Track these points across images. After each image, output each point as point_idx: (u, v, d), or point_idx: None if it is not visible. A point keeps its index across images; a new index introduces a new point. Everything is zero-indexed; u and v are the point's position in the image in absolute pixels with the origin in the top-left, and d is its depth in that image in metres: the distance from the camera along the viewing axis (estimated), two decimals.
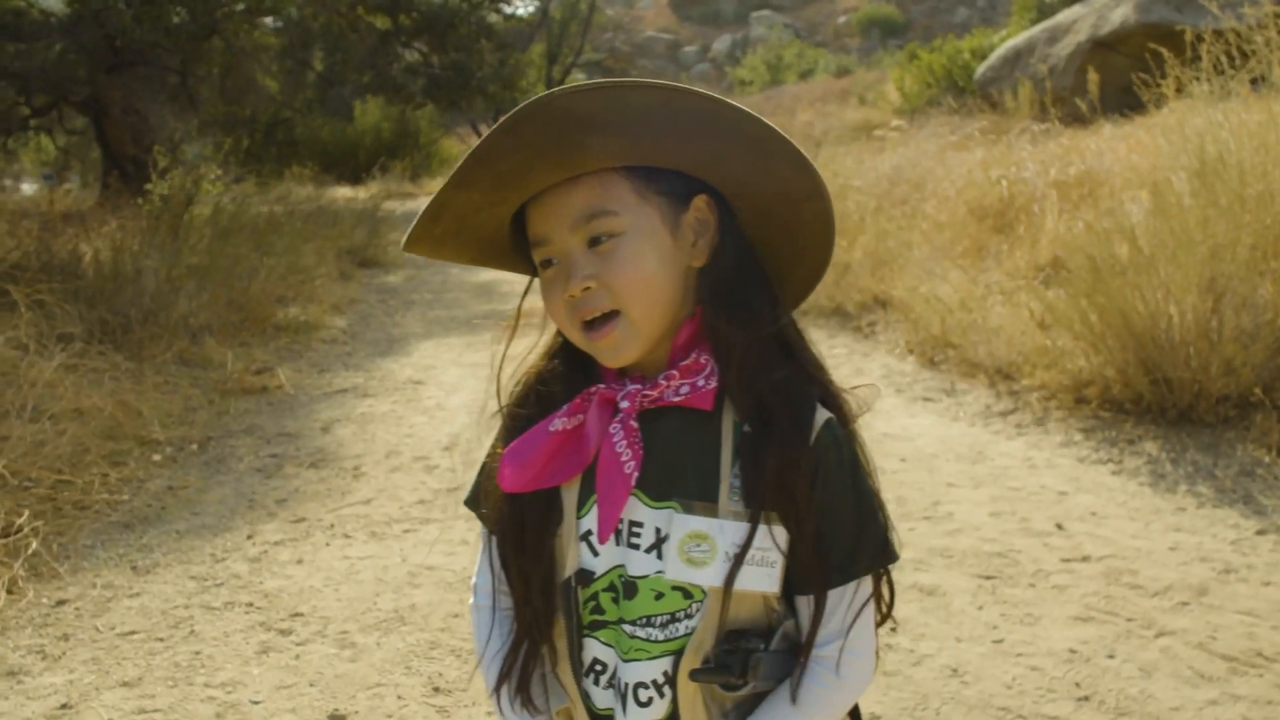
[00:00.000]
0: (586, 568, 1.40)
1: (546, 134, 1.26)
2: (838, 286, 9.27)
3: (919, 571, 4.29)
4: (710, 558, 1.32)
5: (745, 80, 40.50)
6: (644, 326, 1.34)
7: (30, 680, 3.65)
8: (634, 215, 1.33)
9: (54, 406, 6.04)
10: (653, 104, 1.26)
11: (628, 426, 1.36)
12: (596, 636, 1.41)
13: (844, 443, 1.37)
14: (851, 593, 1.38)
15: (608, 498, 1.35)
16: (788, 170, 1.34)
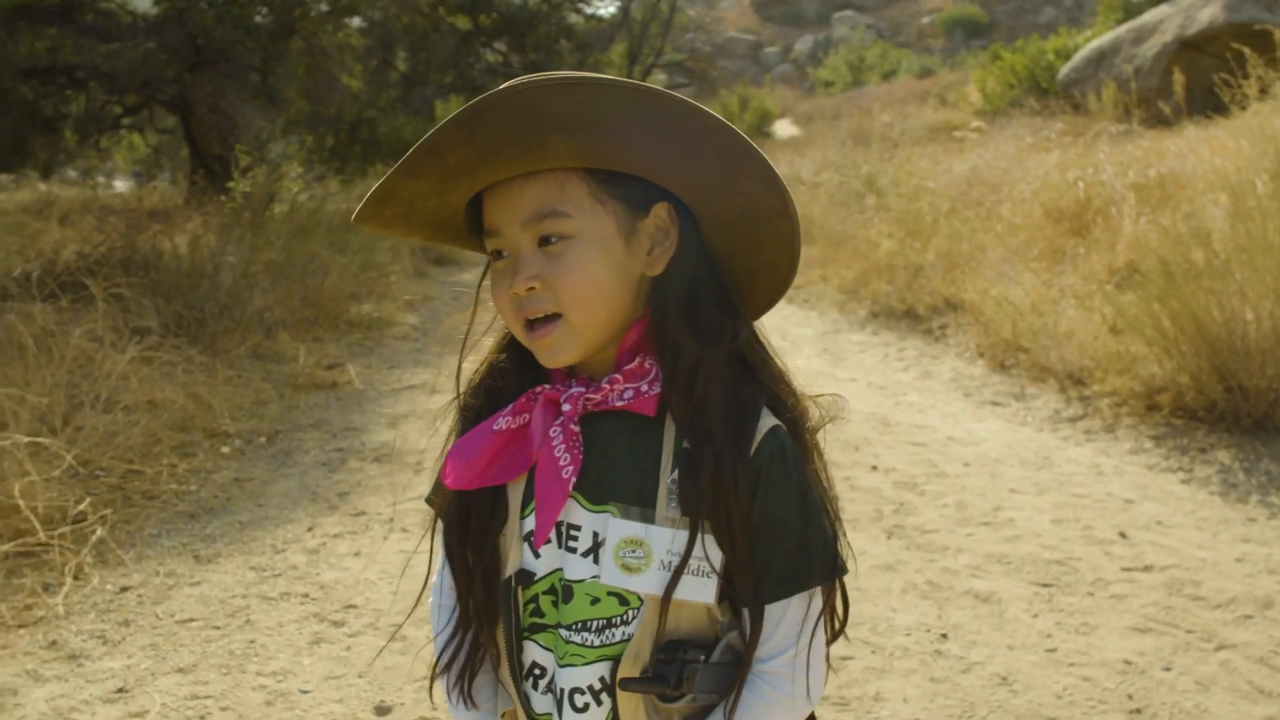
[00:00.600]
0: (528, 569, 1.39)
1: (500, 130, 1.23)
2: (909, 289, 9.18)
3: (975, 578, 4.22)
4: (645, 564, 1.30)
5: (827, 81, 40.27)
6: (584, 332, 1.32)
7: (90, 664, 3.73)
8: (587, 219, 1.29)
9: (127, 398, 6.17)
10: (619, 106, 1.22)
11: (568, 430, 1.33)
12: (536, 640, 1.39)
13: (790, 452, 1.33)
14: (798, 607, 1.33)
15: (544, 502, 1.33)
16: (754, 186, 1.31)
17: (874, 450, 5.85)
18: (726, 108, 31.40)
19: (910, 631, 3.79)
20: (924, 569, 4.32)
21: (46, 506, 4.75)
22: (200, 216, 12.40)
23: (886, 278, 9.63)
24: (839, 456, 5.73)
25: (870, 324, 9.13)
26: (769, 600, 1.32)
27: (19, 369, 5.77)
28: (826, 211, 12.14)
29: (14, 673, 3.67)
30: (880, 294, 9.46)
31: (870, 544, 4.58)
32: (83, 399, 5.97)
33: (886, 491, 5.21)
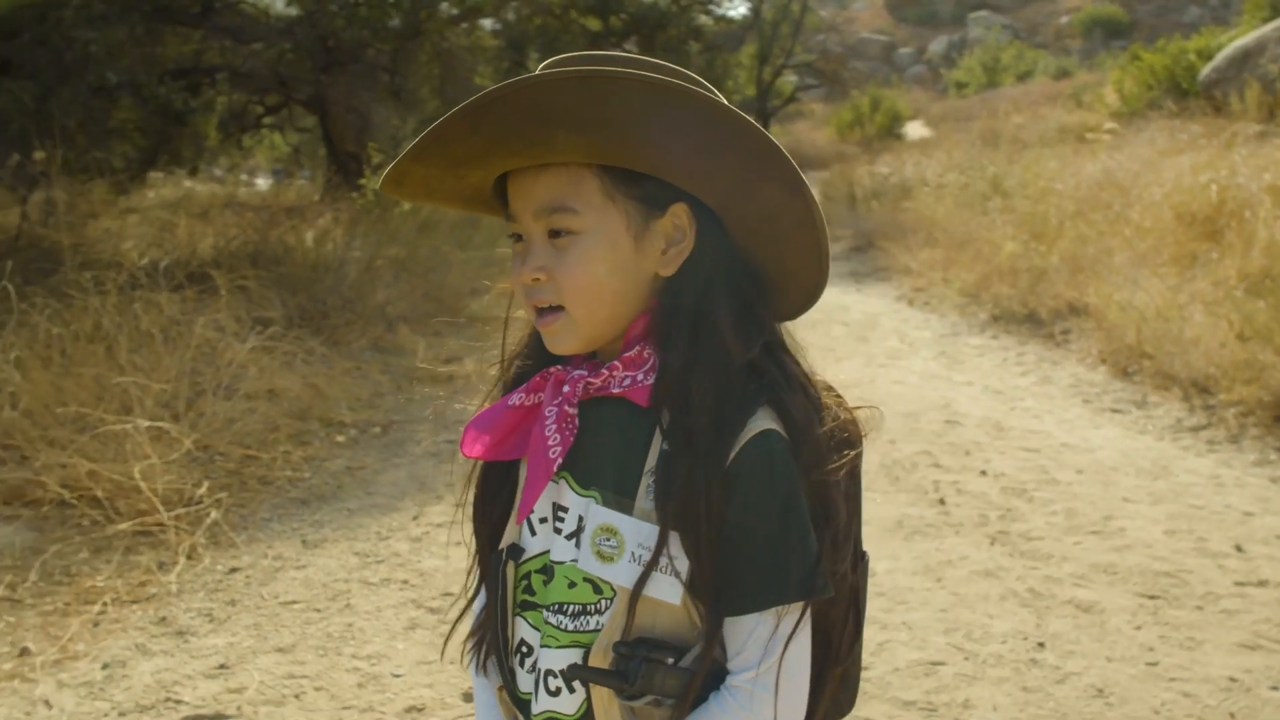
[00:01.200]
0: (520, 545, 1.40)
1: (506, 125, 1.21)
2: (1031, 292, 8.99)
3: (1078, 587, 4.12)
4: (618, 554, 1.28)
5: (961, 82, 39.60)
6: (584, 327, 1.31)
7: (196, 640, 3.86)
8: (596, 216, 1.28)
9: (248, 386, 6.35)
10: (634, 104, 1.18)
11: (562, 411, 1.32)
12: (525, 617, 1.39)
13: (778, 459, 1.27)
14: (767, 624, 1.27)
15: (530, 480, 1.34)
16: (779, 192, 1.27)
17: (985, 455, 5.74)
18: (857, 109, 31.12)
19: (1006, 639, 3.71)
20: (1025, 576, 4.23)
21: (166, 488, 4.91)
22: (332, 213, 12.72)
23: (1009, 281, 9.44)
24: (948, 460, 5.64)
25: (990, 327, 8.96)
26: (735, 612, 1.27)
27: (146, 356, 5.98)
28: (950, 213, 11.95)
29: (125, 645, 3.81)
30: (1002, 297, 9.27)
31: (972, 549, 4.50)
32: (205, 386, 6.16)
33: (994, 497, 5.11)
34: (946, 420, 6.39)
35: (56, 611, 4.05)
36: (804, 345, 1.41)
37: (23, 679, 3.59)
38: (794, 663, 1.29)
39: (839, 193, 15.77)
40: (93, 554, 4.50)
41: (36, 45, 8.96)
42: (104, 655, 3.74)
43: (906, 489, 5.23)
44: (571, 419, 1.32)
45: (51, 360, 5.61)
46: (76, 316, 5.96)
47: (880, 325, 9.40)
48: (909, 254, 11.54)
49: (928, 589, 4.13)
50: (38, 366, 5.50)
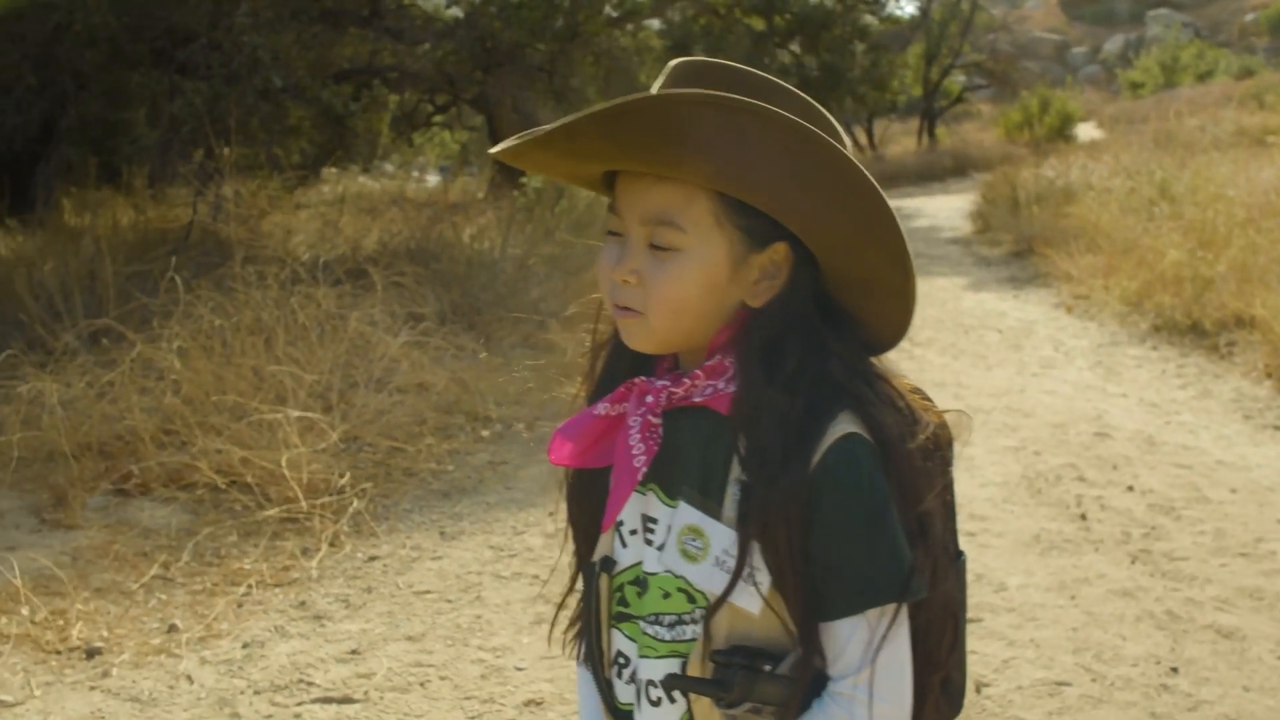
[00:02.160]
0: (612, 557, 1.42)
1: (638, 137, 1.23)
2: (1196, 302, 8.66)
3: (1220, 611, 3.98)
4: (703, 555, 1.29)
5: (1136, 83, 38.32)
6: (661, 334, 1.32)
7: (331, 625, 4.00)
8: (700, 238, 1.28)
9: (398, 380, 6.54)
10: (771, 144, 1.20)
11: (646, 421, 1.33)
12: (621, 629, 1.41)
13: (864, 463, 1.27)
14: (865, 627, 1.27)
15: (614, 490, 1.34)
16: (882, 261, 1.29)
17: (1133, 470, 5.57)
18: (1026, 110, 30.38)
19: (1137, 662, 3.61)
20: (1165, 598, 4.09)
21: (313, 477, 5.10)
22: (493, 211, 12.99)
23: (1172, 290, 9.11)
24: (1093, 474, 5.49)
25: (1151, 338, 8.67)
26: (833, 616, 1.27)
27: (302, 349, 6.21)
28: (1115, 219, 11.58)
29: (265, 627, 3.98)
30: (1164, 306, 8.96)
31: (1111, 568, 4.38)
32: (358, 379, 6.37)
33: (1139, 514, 4.96)
34: (1096, 433, 6.21)
35: (205, 591, 4.25)
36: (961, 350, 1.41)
37: (169, 654, 3.77)
38: (894, 667, 1.28)
39: (1001, 196, 15.42)
40: (242, 538, 4.70)
41: (210, 49, 9.36)
42: (245, 635, 3.91)
43: (1047, 503, 5.11)
44: (655, 429, 1.33)
45: (213, 350, 5.87)
46: (238, 309, 6.21)
47: (1035, 333, 9.18)
48: (1070, 260, 11.23)
49: (1060, 606, 4.03)
50: (200, 356, 5.76)
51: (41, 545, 4.55)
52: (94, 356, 5.85)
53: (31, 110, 9.57)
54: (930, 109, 33.02)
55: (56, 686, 3.56)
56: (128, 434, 5.33)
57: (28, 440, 5.15)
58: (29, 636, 3.83)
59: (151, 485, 5.07)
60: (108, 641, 3.84)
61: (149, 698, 3.50)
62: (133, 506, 4.95)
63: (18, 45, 9.38)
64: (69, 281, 6.99)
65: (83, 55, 9.50)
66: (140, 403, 5.43)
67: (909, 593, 1.27)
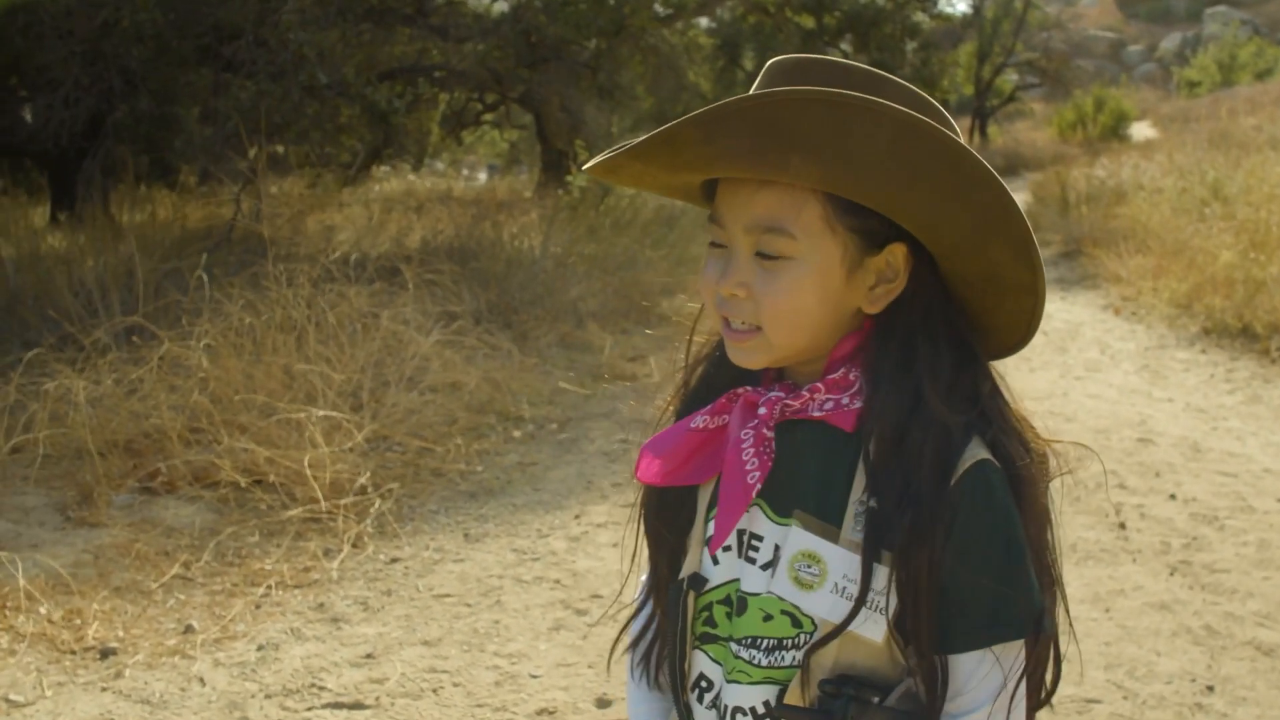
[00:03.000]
0: (703, 574, 1.33)
1: (741, 140, 1.15)
2: (1247, 305, 8.46)
3: (1261, 627, 3.84)
4: (819, 582, 1.22)
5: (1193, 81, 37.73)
6: (781, 350, 1.25)
7: (348, 628, 3.95)
8: (812, 244, 1.21)
9: (430, 379, 6.50)
10: (880, 139, 1.12)
11: (759, 434, 1.26)
12: (706, 650, 1.32)
13: (998, 491, 1.20)
14: (992, 662, 1.20)
15: (726, 507, 1.26)
16: (1006, 254, 1.20)
17: (1176, 477, 5.42)
18: (1079, 109, 29.97)
19: (1172, 679, 3.48)
20: (1203, 612, 3.96)
21: (339, 477, 5.07)
22: (539, 210, 12.96)
23: (1223, 292, 8.91)
24: (1135, 481, 5.35)
25: (1200, 341, 8.47)
26: (959, 650, 1.20)
27: (332, 348, 6.18)
28: (1166, 220, 11.36)
29: (281, 629, 3.94)
30: (1215, 309, 8.76)
31: (1148, 579, 4.25)
32: (389, 378, 6.33)
33: (1180, 523, 4.82)
34: (1139, 438, 6.06)
35: (224, 591, 4.22)
36: None
37: (183, 655, 3.74)
38: (1020, 703, 1.22)
39: (1051, 195, 15.18)
40: (265, 538, 4.67)
41: (256, 46, 9.38)
42: (260, 637, 3.87)
43: (1086, 510, 4.97)
44: (769, 442, 1.26)
45: (244, 349, 5.85)
46: (269, 307, 6.20)
47: (1082, 335, 9.01)
48: (1119, 261, 11.03)
49: (1093, 619, 3.91)
50: (230, 354, 5.74)
51: (65, 543, 4.54)
52: (125, 354, 5.85)
53: (78, 107, 9.63)
54: (982, 108, 32.66)
55: (68, 687, 3.53)
56: (155, 432, 5.32)
57: (56, 437, 5.15)
58: (45, 635, 3.82)
59: (178, 483, 5.06)
60: (123, 642, 3.81)
61: (159, 700, 3.46)
62: (158, 505, 4.94)
63: (65, 42, 9.44)
64: (106, 278, 7.01)
65: (130, 52, 9.55)
66: (169, 400, 5.41)
67: (1040, 629, 1.21)
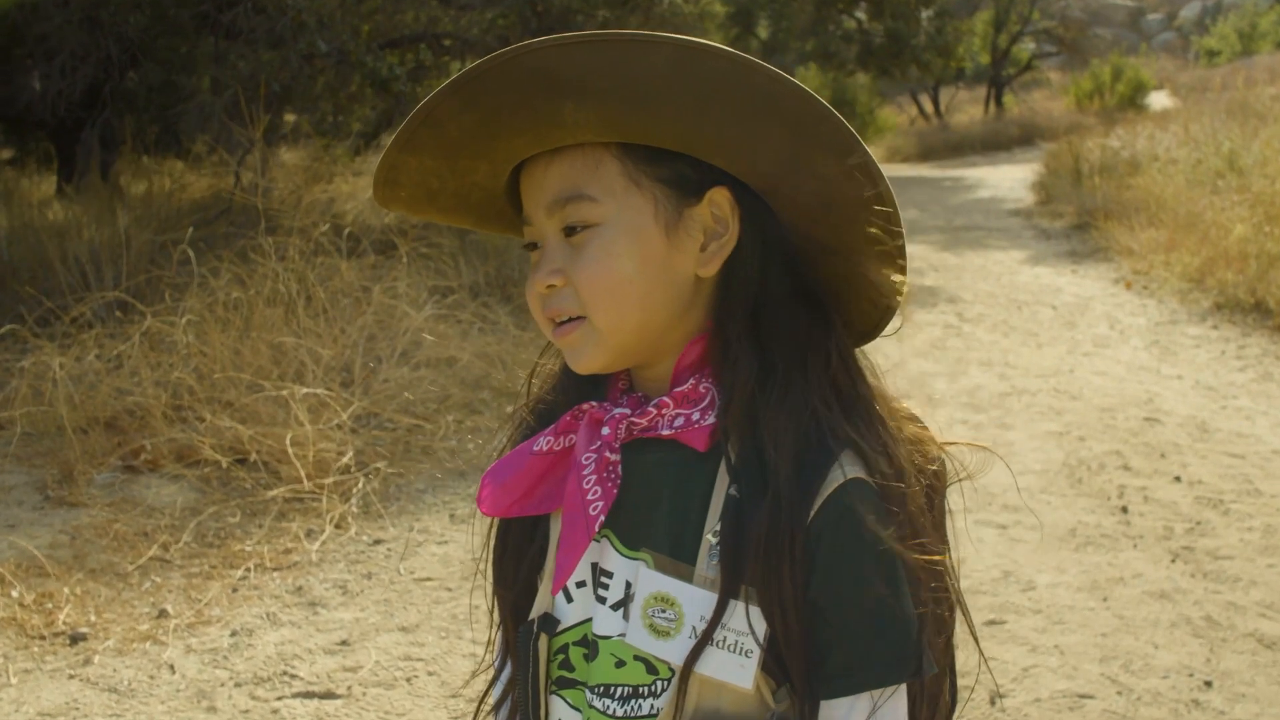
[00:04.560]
0: (554, 615, 1.19)
1: (505, 96, 1.03)
2: (1260, 280, 8.29)
3: (1264, 618, 3.72)
4: (676, 628, 1.09)
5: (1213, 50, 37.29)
6: (610, 336, 1.10)
7: (325, 613, 3.86)
8: (617, 204, 1.08)
9: (424, 354, 6.39)
10: (658, 66, 0.99)
11: (603, 458, 1.11)
12: (563, 696, 1.19)
13: (865, 517, 1.06)
14: (863, 708, 1.07)
15: (567, 541, 1.13)
16: (833, 166, 1.06)
17: (1182, 459, 5.29)
18: (1097, 78, 29.59)
19: (1168, 674, 3.36)
20: (1204, 601, 3.84)
21: (324, 455, 4.97)
22: None
23: (1236, 266, 8.73)
24: (1139, 463, 5.21)
25: (1211, 316, 8.31)
26: (825, 696, 1.07)
27: (323, 323, 6.07)
28: (1179, 192, 11.17)
29: (257, 614, 3.85)
30: (1227, 284, 8.58)
31: (1149, 566, 4.13)
32: (381, 353, 6.23)
33: (1184, 507, 4.69)
34: (1146, 417, 5.92)
35: (201, 574, 4.13)
36: (1012, 328, 1.20)
37: (155, 641, 3.66)
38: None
39: (1064, 167, 14.95)
40: (246, 518, 4.58)
41: (255, 13, 9.25)
42: (235, 622, 3.79)
43: (1087, 493, 4.85)
44: (614, 466, 1.12)
45: (231, 323, 5.75)
46: (258, 281, 6.09)
47: (1091, 310, 8.85)
48: (1131, 234, 10.84)
49: (1090, 609, 3.79)
50: (216, 329, 5.64)
51: (42, 523, 4.46)
52: (111, 329, 5.75)
53: (76, 76, 9.51)
54: (998, 77, 32.30)
55: (35, 674, 3.45)
56: (138, 409, 5.23)
57: (36, 415, 5.07)
58: (15, 620, 3.73)
59: (161, 462, 4.96)
60: (94, 627, 3.72)
61: (127, 688, 3.38)
62: (140, 484, 4.85)
63: (62, 10, 9.32)
64: (100, 251, 6.92)
65: (127, 20, 9.43)
66: (152, 377, 5.32)
67: (920, 669, 1.08)
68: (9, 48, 11.19)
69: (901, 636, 1.07)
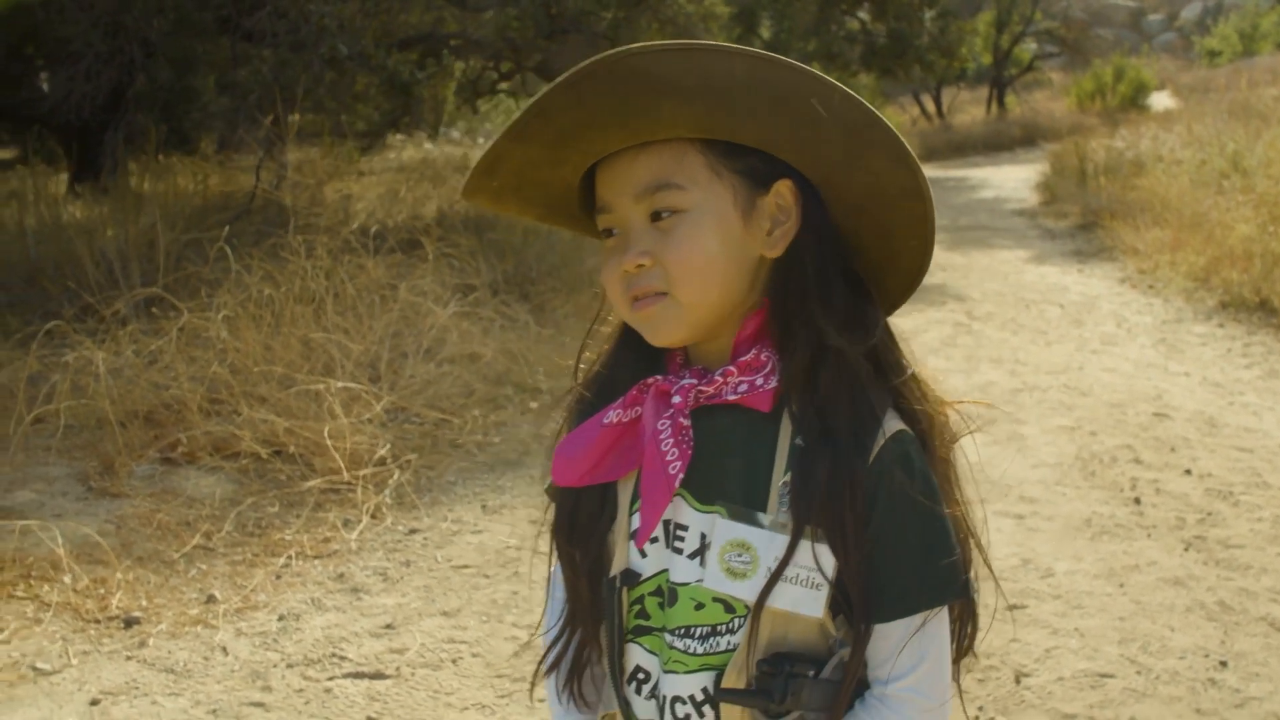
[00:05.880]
0: (634, 569, 1.33)
1: (611, 95, 1.19)
2: (1265, 279, 8.42)
3: (1274, 603, 3.85)
4: (751, 570, 1.24)
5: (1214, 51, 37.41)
6: (691, 311, 1.25)
7: (368, 599, 4.00)
8: (703, 192, 1.23)
9: (448, 350, 6.53)
10: (738, 73, 1.16)
11: (677, 424, 1.26)
12: (640, 643, 1.33)
13: (916, 460, 1.24)
14: (916, 628, 1.24)
15: (649, 500, 1.26)
16: (883, 162, 1.23)
17: (1192, 452, 5.42)
18: (1098, 78, 29.73)
19: (1185, 655, 3.50)
20: (1217, 587, 3.98)
21: (358, 448, 5.11)
22: None
23: (1241, 265, 8.87)
24: (1150, 456, 5.35)
25: (1218, 315, 8.44)
26: (886, 619, 1.24)
27: (351, 319, 6.21)
28: (1184, 192, 11.30)
29: (302, 599, 3.99)
30: (1232, 283, 8.72)
31: (1163, 555, 4.26)
32: (407, 349, 6.36)
33: (1195, 498, 4.83)
34: (1155, 413, 6.06)
35: (244, 562, 4.26)
36: (1021, 325, 1.37)
37: (206, 625, 3.79)
38: (940, 665, 1.27)
39: (1068, 167, 15.10)
40: (284, 508, 4.71)
41: (277, 18, 9.37)
42: (281, 607, 3.92)
43: (1101, 485, 4.99)
44: (687, 431, 1.27)
45: (262, 320, 5.88)
46: (289, 278, 6.22)
47: (1098, 308, 8.98)
48: (1136, 234, 10.98)
49: (1108, 594, 3.93)
50: (249, 325, 5.77)
51: (87, 513, 4.59)
52: (144, 325, 5.89)
53: (100, 78, 9.65)
54: (1000, 77, 32.41)
55: (94, 656, 3.58)
56: (175, 403, 5.36)
57: (77, 408, 5.20)
58: (70, 605, 3.87)
59: (198, 454, 5.10)
60: (146, 611, 3.86)
61: (184, 669, 3.51)
62: (178, 475, 4.98)
63: (87, 13, 9.45)
64: (127, 249, 7.05)
65: (150, 23, 9.56)
66: (188, 372, 5.45)
67: (967, 591, 1.27)
68: (22, 48, 11.34)
69: (949, 564, 1.25)
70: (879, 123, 1.20)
